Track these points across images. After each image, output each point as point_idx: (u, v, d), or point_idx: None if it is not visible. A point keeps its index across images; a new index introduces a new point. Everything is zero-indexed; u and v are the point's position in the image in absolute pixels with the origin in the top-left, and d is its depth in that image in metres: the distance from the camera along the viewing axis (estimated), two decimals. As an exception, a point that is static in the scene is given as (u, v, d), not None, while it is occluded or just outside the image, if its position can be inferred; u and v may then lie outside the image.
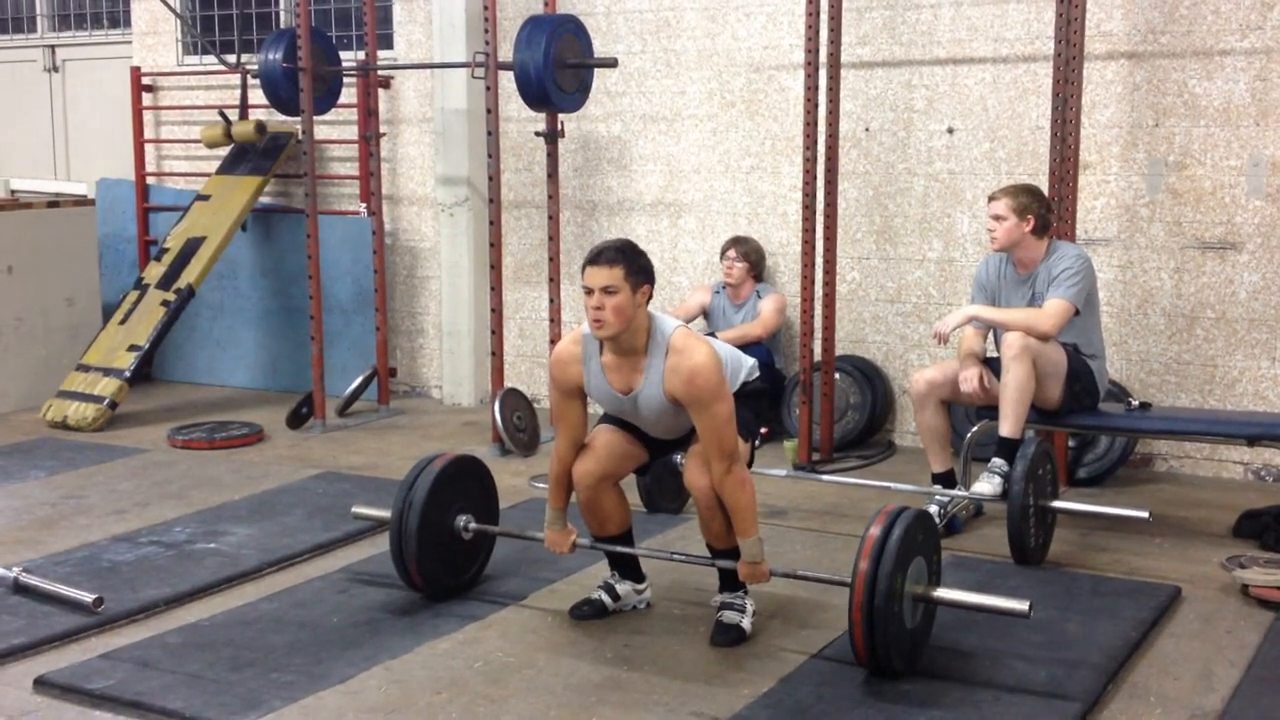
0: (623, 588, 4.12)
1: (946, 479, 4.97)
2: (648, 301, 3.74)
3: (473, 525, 4.24)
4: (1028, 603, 3.61)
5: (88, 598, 4.09)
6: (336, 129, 7.59)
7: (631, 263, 3.67)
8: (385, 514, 4.26)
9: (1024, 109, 5.99)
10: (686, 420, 3.81)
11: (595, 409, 3.95)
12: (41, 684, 3.62)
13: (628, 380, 3.80)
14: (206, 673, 3.67)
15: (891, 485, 5.29)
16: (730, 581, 3.97)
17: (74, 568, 4.54)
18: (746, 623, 3.92)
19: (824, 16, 5.80)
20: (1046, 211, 4.95)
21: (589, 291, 3.66)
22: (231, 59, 7.61)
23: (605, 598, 4.11)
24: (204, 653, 3.81)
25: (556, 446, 3.99)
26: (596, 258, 3.68)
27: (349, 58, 7.36)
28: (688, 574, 4.41)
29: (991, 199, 4.93)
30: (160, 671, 3.67)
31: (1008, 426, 4.72)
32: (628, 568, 4.14)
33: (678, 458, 5.00)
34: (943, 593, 3.71)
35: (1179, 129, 5.73)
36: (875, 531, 3.52)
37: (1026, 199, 4.89)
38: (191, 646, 3.87)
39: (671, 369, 3.69)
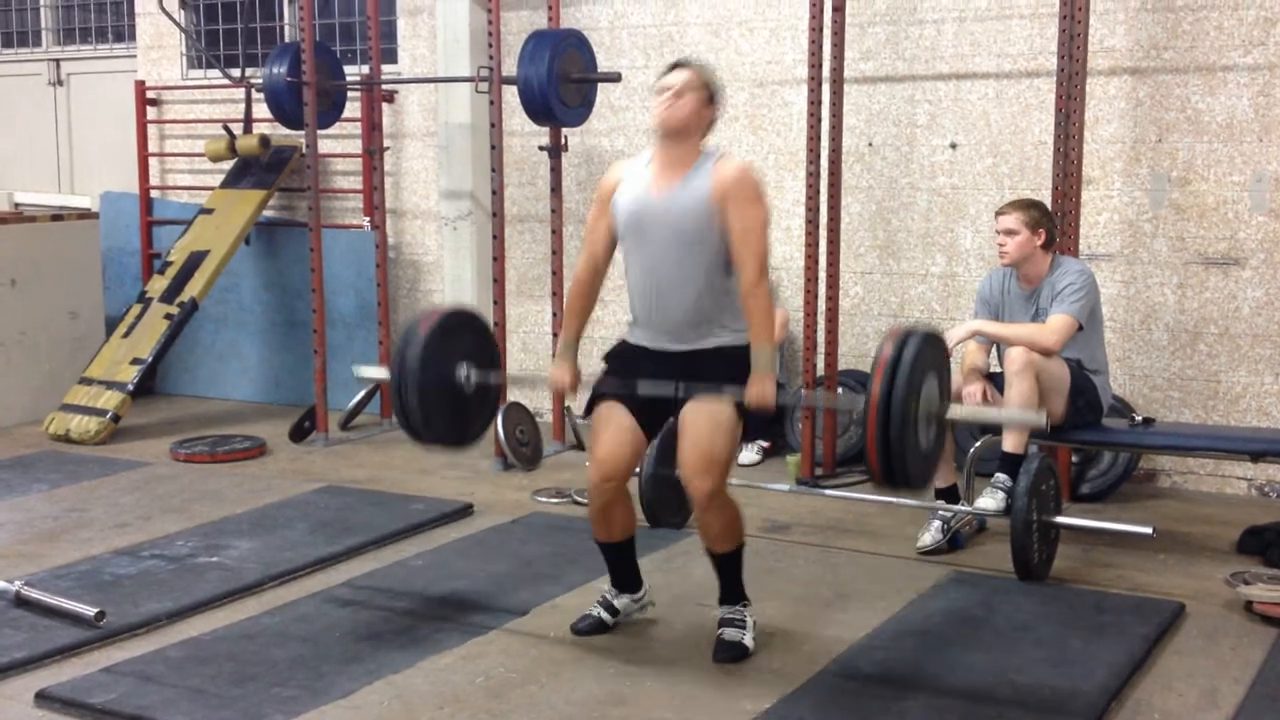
0: (621, 601, 4.12)
1: (950, 494, 4.96)
2: (711, 123, 3.87)
3: (475, 377, 4.12)
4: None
5: (89, 611, 4.09)
6: (340, 143, 7.60)
7: (711, 79, 3.86)
8: (385, 375, 4.14)
9: (1027, 124, 6.00)
10: (700, 248, 3.73)
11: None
12: (43, 698, 3.61)
13: (670, 180, 3.80)
14: (208, 687, 3.66)
15: (894, 500, 5.28)
16: (731, 595, 3.96)
17: (76, 581, 4.53)
18: (749, 639, 3.91)
19: (827, 32, 5.81)
20: (1053, 226, 4.96)
21: (661, 91, 3.81)
22: (236, 73, 7.63)
23: (604, 614, 4.10)
24: (205, 667, 3.81)
25: (578, 265, 3.99)
26: (677, 64, 3.88)
27: (353, 72, 7.38)
28: (690, 589, 4.41)
29: (1000, 214, 4.93)
30: (162, 686, 3.67)
31: (1011, 442, 4.71)
32: (625, 580, 4.13)
33: (680, 471, 5.01)
34: (954, 412, 3.68)
35: (1182, 144, 5.73)
36: (888, 352, 3.44)
37: (1037, 213, 4.89)
38: (193, 661, 3.86)
39: (720, 167, 3.78)
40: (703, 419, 3.73)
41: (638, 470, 4.25)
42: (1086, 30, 5.34)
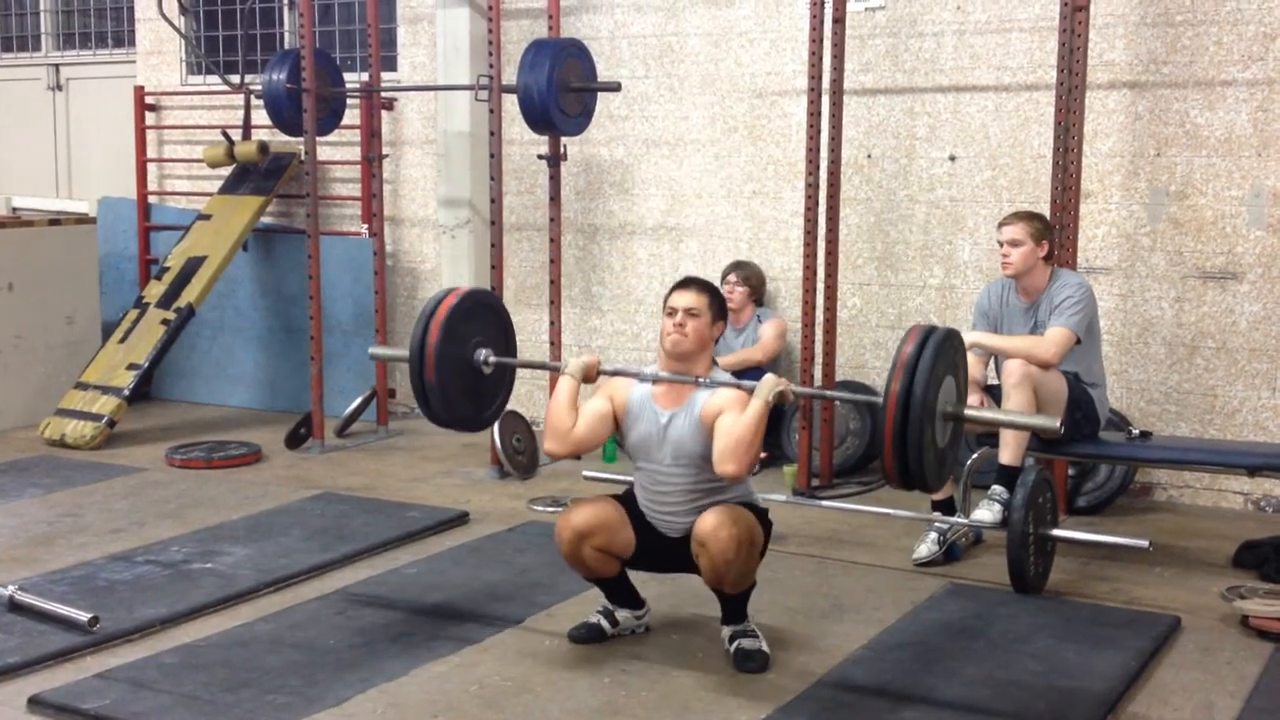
0: (621, 614, 4.11)
1: (946, 506, 4.96)
2: (717, 339, 4.02)
3: (492, 359, 4.18)
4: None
5: (83, 617, 4.07)
6: (339, 150, 7.60)
7: (715, 296, 4.01)
8: (404, 353, 4.19)
9: (1026, 137, 6.01)
10: (700, 464, 3.83)
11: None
12: (36, 703, 3.60)
13: (671, 406, 3.92)
14: (202, 693, 3.65)
15: (891, 511, 5.28)
16: (734, 614, 3.96)
17: (70, 586, 4.52)
18: (766, 646, 3.92)
19: (827, 43, 5.82)
20: (1054, 238, 4.96)
21: (672, 312, 3.93)
22: (235, 79, 7.63)
23: (604, 623, 4.09)
24: (199, 673, 3.79)
25: (567, 418, 4.00)
26: (687, 283, 4.00)
27: (352, 79, 7.38)
28: (685, 599, 4.40)
29: (1003, 224, 4.93)
30: (155, 692, 3.66)
31: (1008, 454, 4.71)
32: (624, 597, 4.12)
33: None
34: (972, 412, 3.67)
35: (1180, 159, 5.74)
36: (908, 350, 3.44)
37: (1040, 224, 4.90)
38: (187, 667, 3.85)
39: (710, 399, 3.86)
40: (722, 505, 3.81)
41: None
42: (1086, 44, 5.35)
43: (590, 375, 4.05)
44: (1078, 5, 5.27)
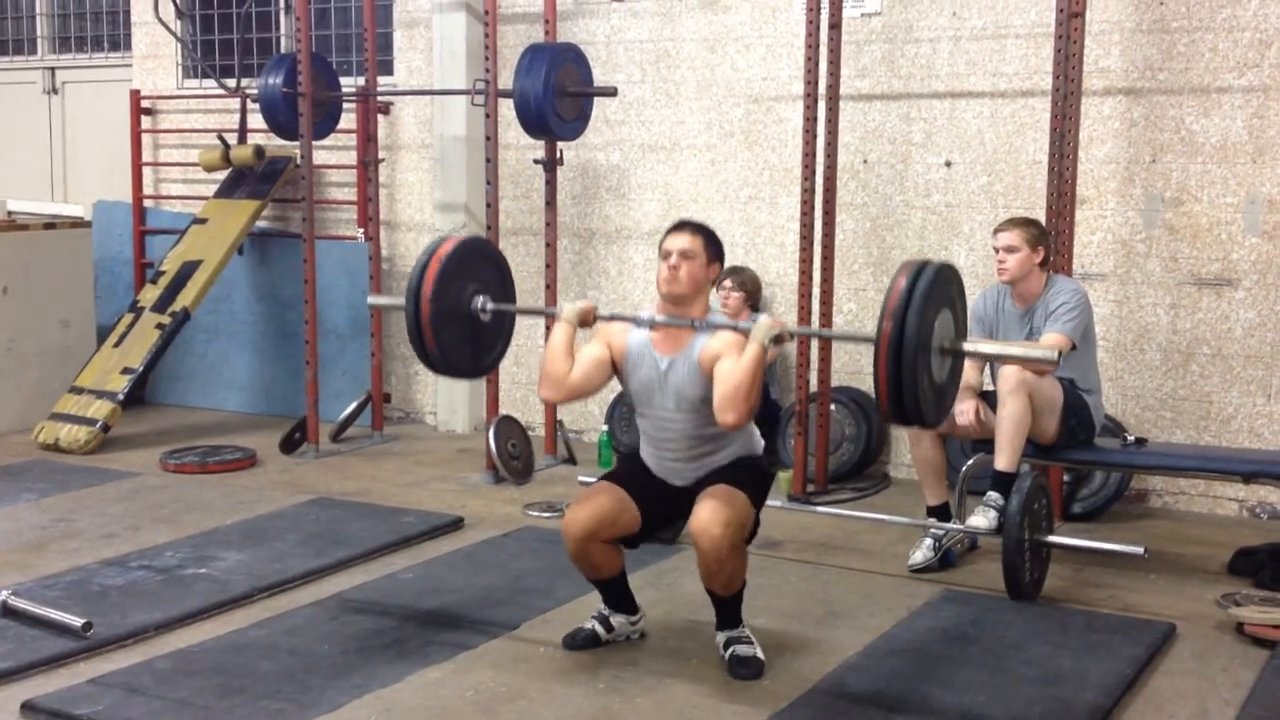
0: (617, 619, 4.10)
1: (942, 512, 4.96)
2: (714, 281, 4.02)
3: (490, 306, 4.15)
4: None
5: (77, 622, 4.06)
6: (335, 154, 7.60)
7: (711, 238, 3.97)
8: (401, 301, 4.15)
9: (1022, 143, 6.01)
10: (701, 409, 3.81)
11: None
12: (29, 709, 3.59)
13: (670, 351, 3.91)
14: (195, 699, 3.64)
15: (886, 517, 5.28)
16: (729, 620, 3.95)
17: (63, 591, 4.51)
18: (761, 652, 3.91)
19: (823, 49, 5.82)
20: (1049, 244, 4.97)
21: (666, 255, 3.90)
22: (231, 83, 7.62)
23: (599, 628, 4.08)
24: (193, 679, 3.79)
25: (564, 364, 3.99)
26: (680, 226, 3.98)
27: (349, 83, 7.37)
28: (680, 605, 4.40)
29: (999, 231, 4.93)
30: (149, 698, 3.65)
31: (1003, 460, 4.71)
32: (620, 601, 4.11)
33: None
34: (970, 345, 3.63)
35: (1176, 165, 5.75)
36: (901, 283, 3.40)
37: (1036, 230, 4.91)
38: (180, 673, 3.84)
39: (708, 342, 3.85)
40: (716, 490, 3.82)
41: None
42: (1082, 50, 5.35)
43: (586, 320, 4.03)
44: (1073, 12, 5.28)
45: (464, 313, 4.10)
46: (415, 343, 4.05)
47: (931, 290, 3.37)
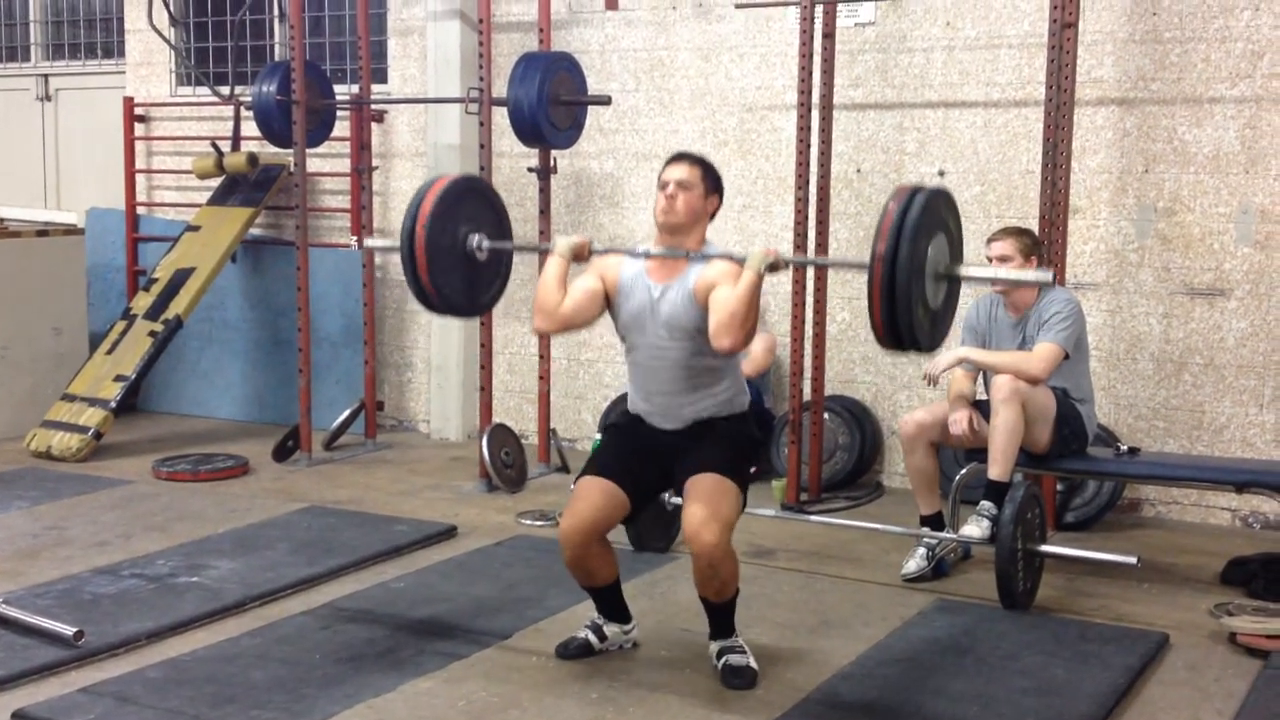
0: (610, 628, 4.10)
1: (935, 521, 4.96)
2: (713, 214, 3.99)
3: (486, 244, 4.13)
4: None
5: (68, 631, 4.05)
6: (329, 162, 7.59)
7: (709, 170, 3.96)
8: (395, 243, 4.13)
9: (1015, 153, 6.02)
10: (692, 339, 3.81)
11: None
12: (20, 718, 3.58)
13: (665, 279, 3.89)
14: (187, 709, 3.63)
15: (880, 527, 5.28)
16: (723, 629, 3.94)
17: (55, 600, 4.49)
18: (754, 662, 3.90)
19: (817, 59, 5.83)
20: (1042, 254, 4.97)
21: (664, 185, 3.88)
22: (225, 90, 7.62)
23: (592, 637, 4.08)
24: (184, 688, 3.77)
25: (556, 298, 3.96)
26: (679, 157, 3.96)
27: (343, 91, 7.37)
28: (673, 615, 4.40)
29: (993, 240, 4.94)
30: (140, 707, 3.64)
31: (996, 470, 4.71)
32: (614, 610, 4.11)
33: (667, 495, 4.99)
34: (966, 270, 3.61)
35: (1169, 175, 5.76)
36: (894, 207, 3.36)
37: (1029, 240, 4.91)
38: (172, 682, 3.83)
39: (705, 269, 3.84)
40: (706, 482, 3.80)
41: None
42: (1074, 61, 5.37)
43: (581, 255, 4.02)
44: (1066, 22, 5.29)
45: (460, 251, 4.09)
46: (412, 282, 4.04)
47: (924, 216, 3.34)
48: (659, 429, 3.97)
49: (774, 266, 3.73)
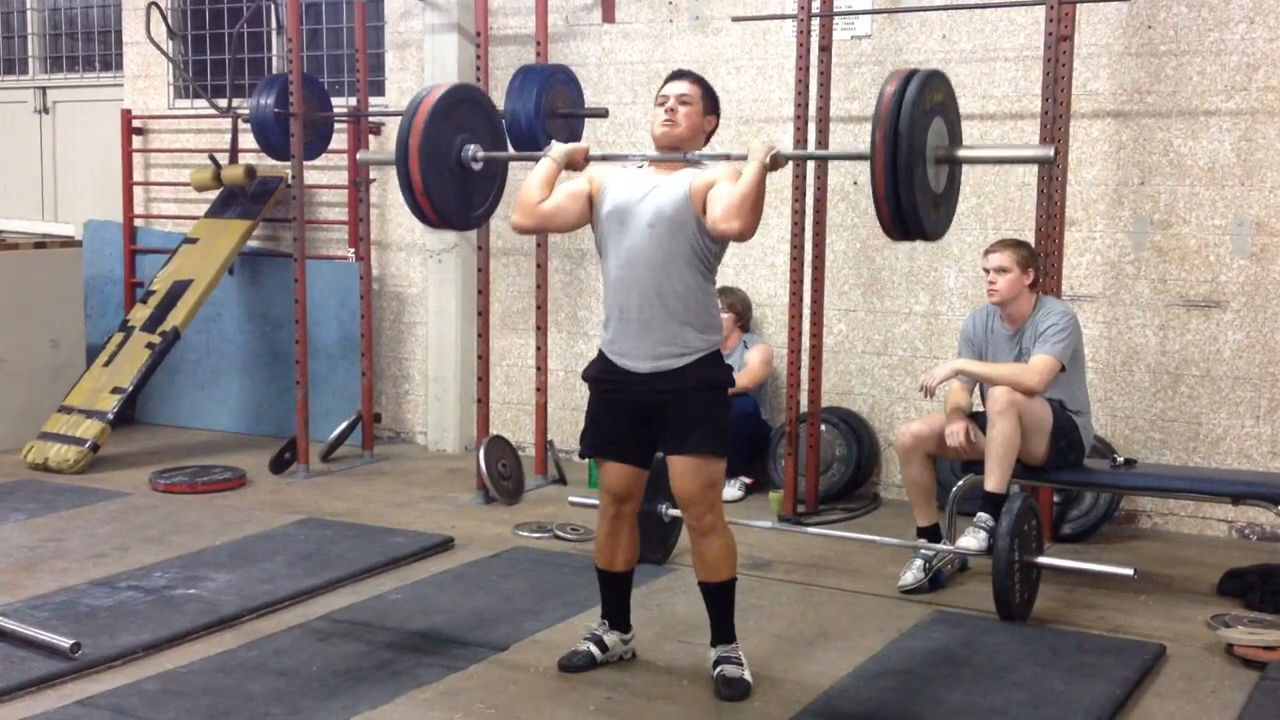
0: (610, 638, 4.09)
1: (932, 533, 4.96)
2: (709, 135, 3.95)
3: (481, 154, 4.13)
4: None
5: (65, 643, 4.04)
6: (326, 174, 7.61)
7: (709, 90, 3.94)
8: (390, 157, 4.15)
9: (1011, 165, 6.03)
10: (677, 233, 3.75)
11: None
12: (15, 731, 3.58)
13: (657, 177, 3.86)
14: (183, 721, 3.63)
15: (877, 538, 5.28)
16: (723, 634, 3.95)
17: (52, 612, 4.49)
18: (748, 674, 3.90)
19: (814, 71, 5.84)
20: (1039, 266, 4.99)
21: (663, 101, 3.86)
22: (223, 103, 7.63)
23: (594, 649, 4.07)
24: (182, 701, 3.77)
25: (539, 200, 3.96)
26: (679, 74, 3.95)
27: (340, 104, 7.39)
28: (671, 626, 4.39)
29: (990, 252, 4.95)
30: (137, 719, 3.63)
31: (993, 481, 4.71)
32: (617, 613, 4.11)
33: (663, 507, 5.00)
34: (964, 151, 3.57)
35: (1164, 188, 5.78)
36: (891, 90, 3.32)
37: (1026, 252, 4.93)
38: (169, 694, 3.82)
39: (701, 172, 3.81)
40: (688, 457, 3.81)
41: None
42: (1070, 74, 5.38)
43: (576, 162, 4.02)
44: (1062, 35, 5.31)
45: (454, 160, 4.11)
46: (406, 192, 4.06)
47: (920, 97, 3.32)
48: (631, 373, 3.86)
49: (775, 161, 3.71)
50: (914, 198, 3.32)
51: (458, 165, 4.13)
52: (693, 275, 3.80)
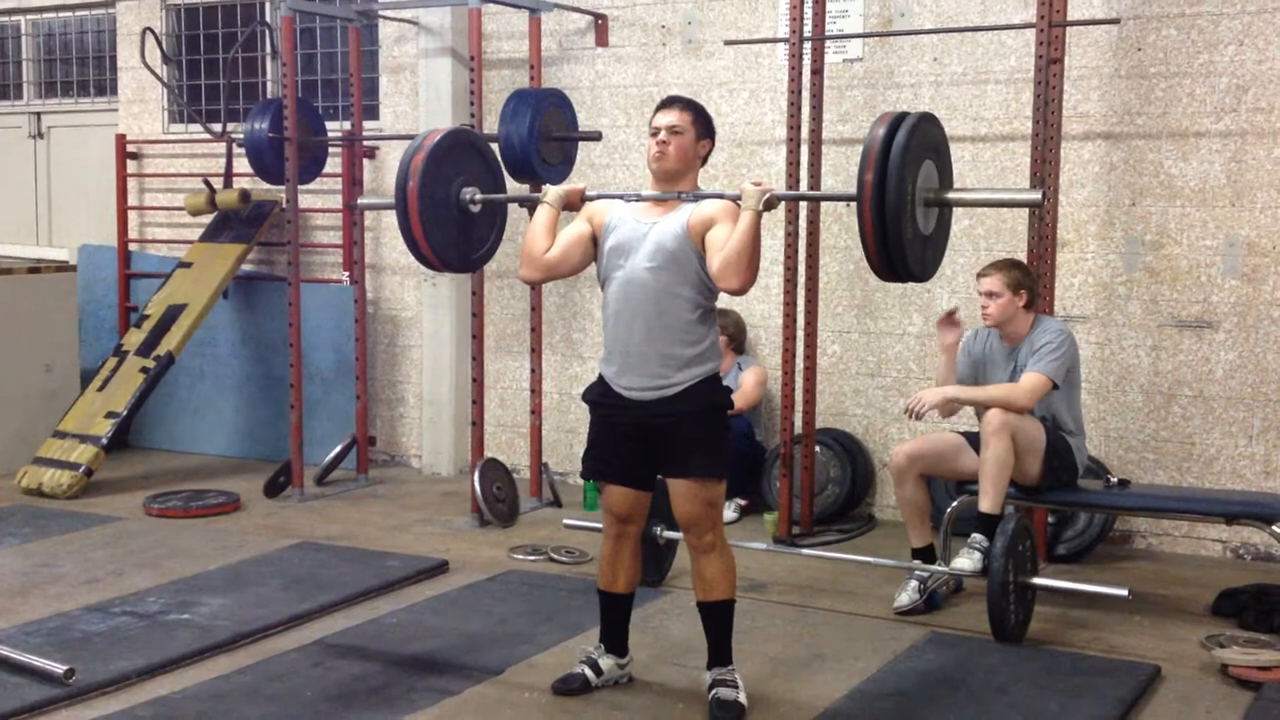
0: (606, 662, 4.09)
1: (926, 554, 4.96)
2: (704, 158, 3.96)
3: (479, 196, 4.16)
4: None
5: (59, 669, 4.03)
6: (320, 198, 7.62)
7: (700, 114, 3.92)
8: (390, 201, 4.17)
9: (1003, 187, 6.05)
10: (675, 267, 3.77)
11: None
12: (9, 757, 3.56)
13: (656, 213, 3.88)
14: (177, 747, 3.62)
15: (872, 559, 5.28)
16: (720, 656, 3.95)
17: (45, 638, 4.48)
18: (743, 697, 3.89)
19: (806, 94, 5.87)
20: (1034, 285, 5.00)
21: (655, 132, 3.86)
22: (217, 128, 7.66)
23: (589, 673, 4.07)
24: (175, 726, 3.76)
25: (542, 248, 3.97)
26: (669, 102, 3.93)
27: (334, 128, 7.41)
28: (666, 649, 4.39)
29: (982, 275, 4.96)
30: (130, 745, 3.62)
31: (987, 502, 4.72)
32: (615, 640, 4.11)
33: (658, 529, 5.00)
34: (954, 195, 3.54)
35: (1155, 209, 5.80)
36: (879, 134, 3.30)
37: (1019, 274, 4.93)
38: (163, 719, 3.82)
39: (700, 205, 3.83)
40: (689, 481, 3.84)
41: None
42: (1061, 96, 5.41)
43: (572, 203, 4.03)
44: (1052, 58, 5.34)
45: (453, 204, 4.14)
46: (406, 237, 4.09)
47: (910, 142, 3.31)
48: (630, 400, 3.88)
49: (770, 204, 3.72)
50: (902, 243, 3.33)
51: (457, 209, 4.16)
52: (694, 306, 3.84)
